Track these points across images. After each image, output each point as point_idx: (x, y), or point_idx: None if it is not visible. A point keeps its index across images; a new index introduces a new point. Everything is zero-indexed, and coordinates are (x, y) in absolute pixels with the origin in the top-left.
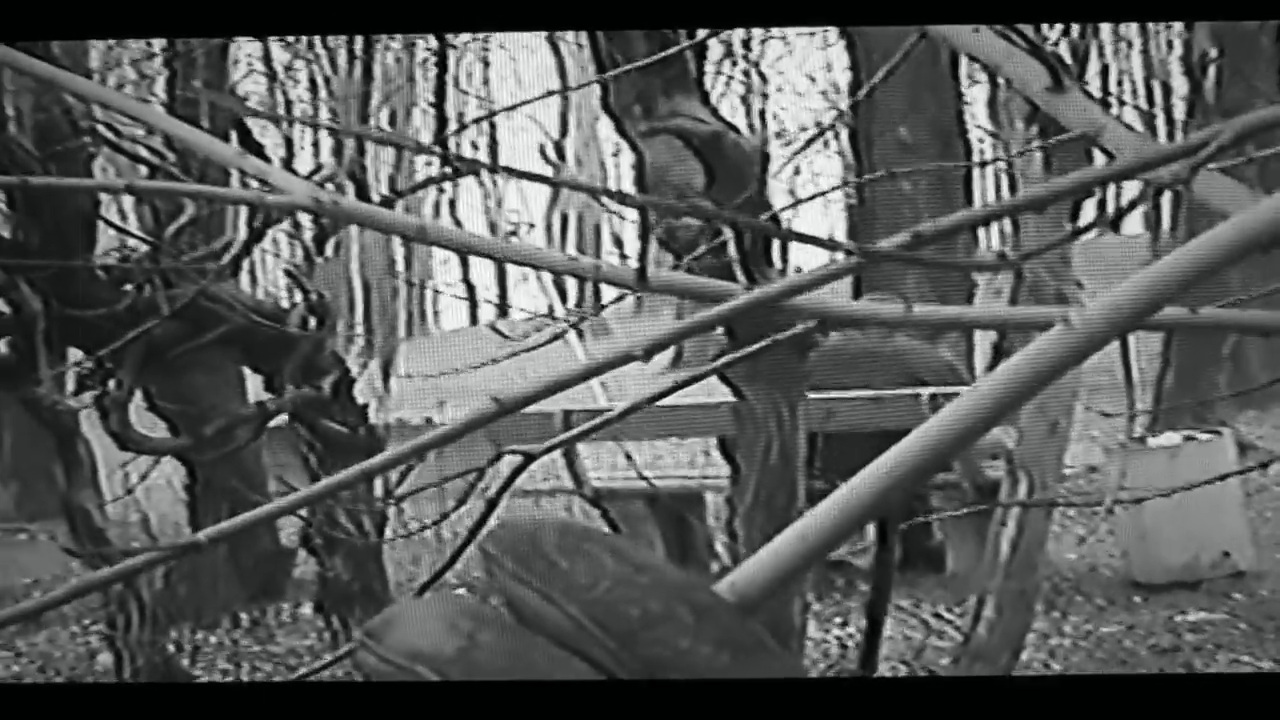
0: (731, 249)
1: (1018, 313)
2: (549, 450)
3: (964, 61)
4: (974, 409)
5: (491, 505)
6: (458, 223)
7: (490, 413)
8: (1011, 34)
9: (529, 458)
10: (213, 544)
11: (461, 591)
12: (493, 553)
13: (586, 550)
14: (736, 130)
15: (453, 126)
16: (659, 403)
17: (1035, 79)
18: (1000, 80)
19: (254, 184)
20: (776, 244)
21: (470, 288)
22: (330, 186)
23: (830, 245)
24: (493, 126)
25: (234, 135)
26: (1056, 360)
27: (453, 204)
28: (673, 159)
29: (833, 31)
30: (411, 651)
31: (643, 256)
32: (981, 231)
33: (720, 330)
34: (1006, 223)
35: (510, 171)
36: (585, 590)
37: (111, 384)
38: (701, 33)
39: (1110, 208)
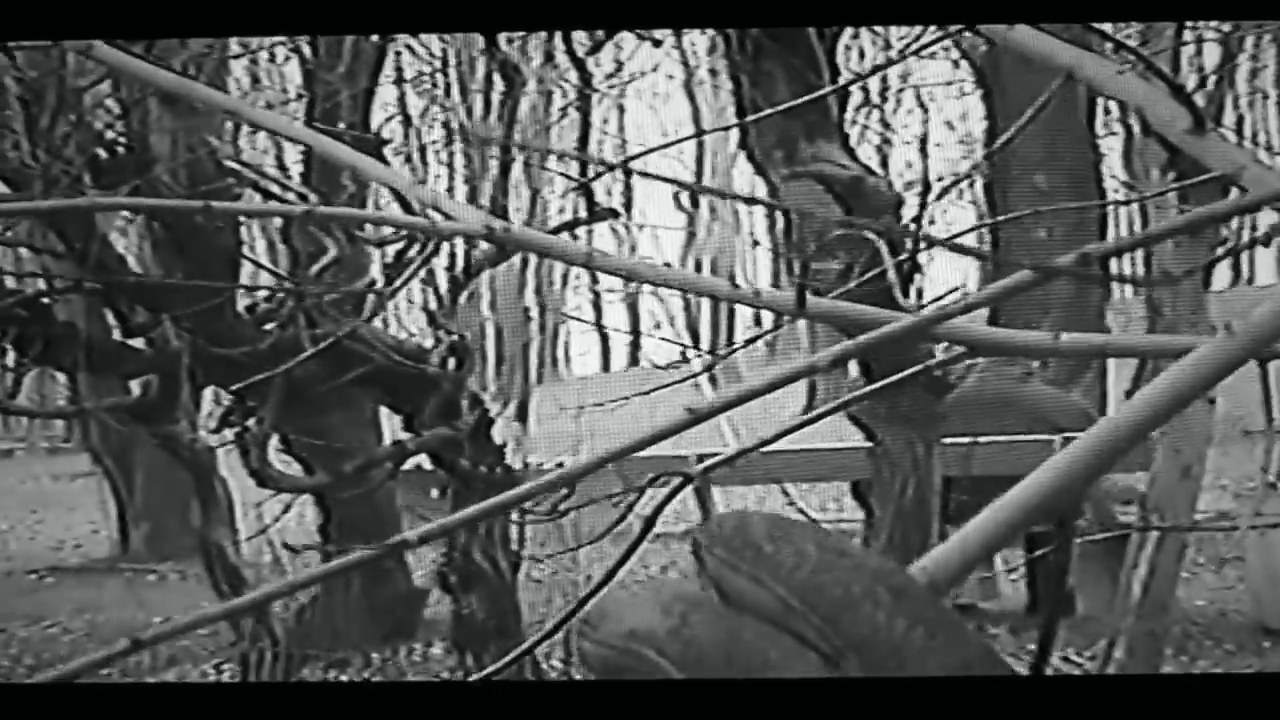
0: (891, 274)
1: (1162, 340)
2: (707, 470)
3: (1100, 112)
4: (1142, 410)
5: (650, 523)
6: (591, 273)
7: (683, 421)
8: (1152, 76)
9: (687, 479)
10: (423, 543)
11: (676, 577)
12: (704, 543)
13: (792, 537)
14: (876, 175)
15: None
16: (795, 447)
17: (1175, 121)
18: (1136, 129)
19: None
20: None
21: (604, 335)
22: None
23: (986, 257)
24: (628, 174)
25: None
26: (1219, 366)
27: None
28: (813, 203)
29: (968, 81)
30: (628, 633)
31: (802, 282)
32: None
33: (855, 372)
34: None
35: (666, 180)
36: (792, 573)
37: (252, 422)
38: (844, 77)
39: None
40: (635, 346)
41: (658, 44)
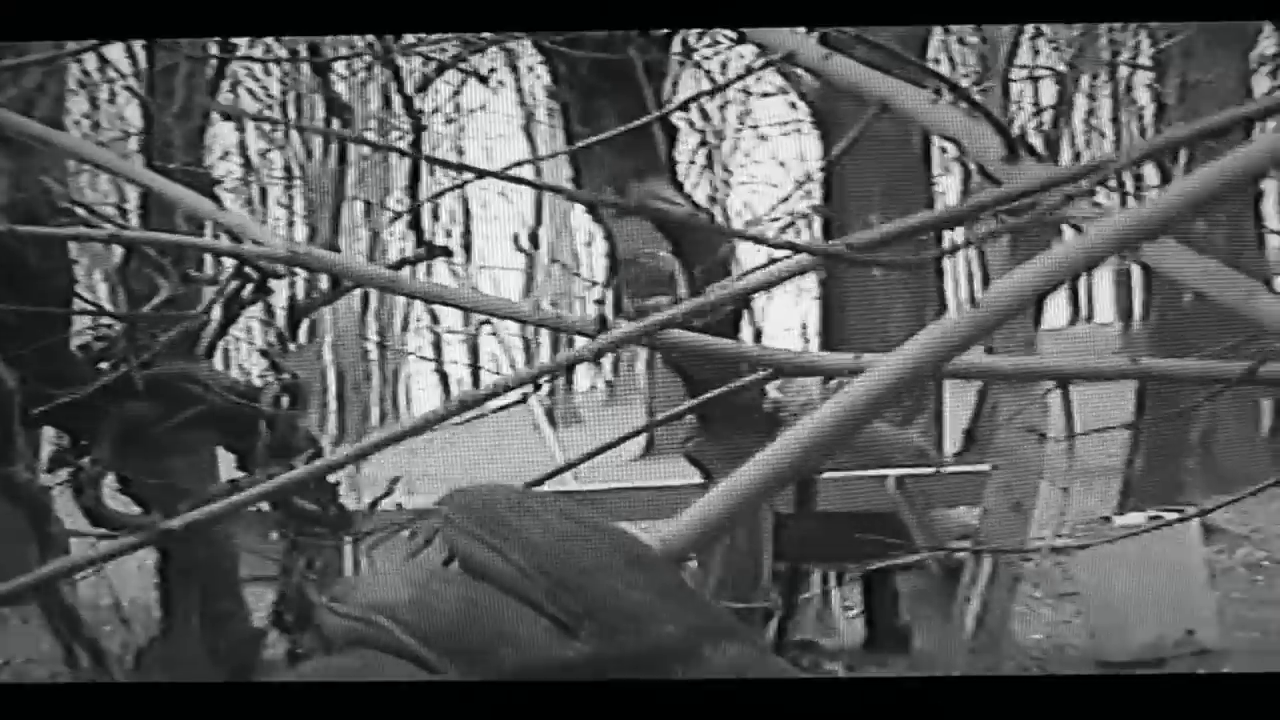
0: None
1: (966, 361)
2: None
3: (935, 151)
4: (887, 376)
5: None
6: (431, 313)
7: (452, 408)
8: (971, 105)
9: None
10: (189, 531)
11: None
12: (449, 513)
13: (534, 509)
14: (708, 213)
15: (427, 216)
16: (633, 485)
17: (990, 150)
18: (971, 166)
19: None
20: (749, 334)
21: (443, 376)
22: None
23: (789, 246)
24: (467, 215)
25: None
26: (964, 335)
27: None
28: (647, 241)
29: (805, 120)
30: (368, 604)
31: (601, 305)
32: (953, 288)
33: (691, 418)
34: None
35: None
36: (532, 543)
37: (86, 461)
38: (674, 116)
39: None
40: (476, 387)
41: (484, 79)
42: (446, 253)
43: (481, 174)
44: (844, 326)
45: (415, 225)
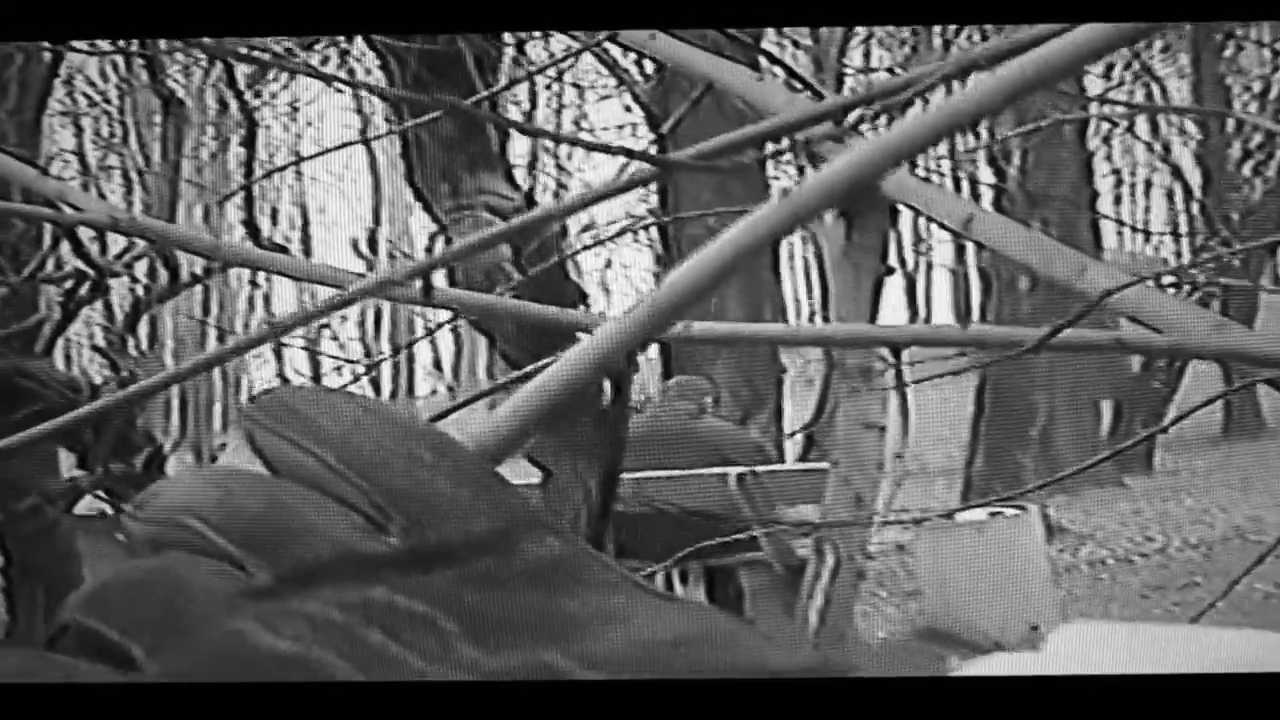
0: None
1: (786, 329)
2: None
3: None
4: (702, 267)
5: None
6: (270, 313)
7: (261, 335)
8: (791, 75)
9: None
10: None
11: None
12: (250, 413)
13: (336, 402)
14: (537, 203)
15: (266, 221)
16: None
17: (817, 128)
18: (807, 167)
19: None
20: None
21: (285, 380)
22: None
23: (626, 153)
24: (305, 220)
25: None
26: (777, 224)
27: (266, 299)
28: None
29: (642, 124)
30: (172, 507)
31: (428, 271)
32: (787, 264)
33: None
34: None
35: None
36: (328, 435)
37: None
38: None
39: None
40: (316, 380)
41: (328, 81)
42: (282, 250)
43: (316, 155)
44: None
45: (250, 224)
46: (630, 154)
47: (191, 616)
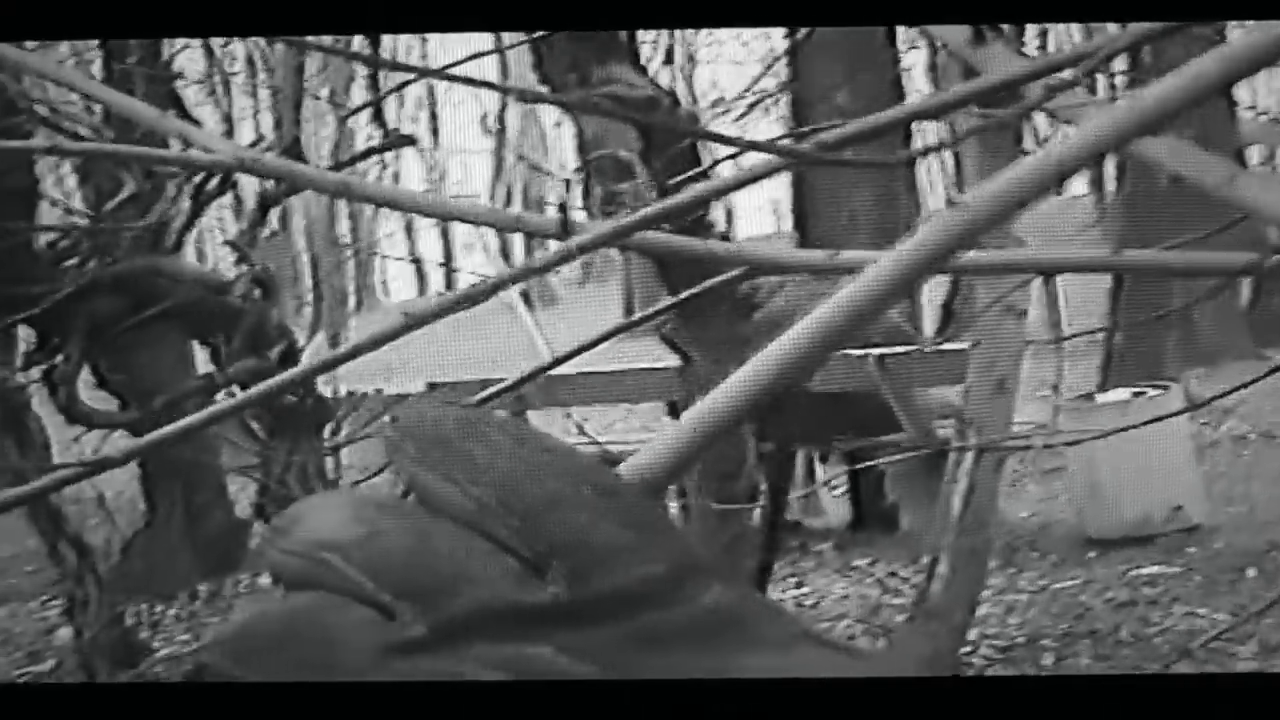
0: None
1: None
2: (483, 404)
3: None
4: (869, 288)
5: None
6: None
7: (398, 327)
8: None
9: None
10: (128, 459)
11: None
12: (395, 438)
13: (489, 434)
14: (670, 94)
15: (392, 102)
16: (610, 370)
17: (959, 33)
18: (938, 43)
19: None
20: (721, 213)
21: (416, 261)
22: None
23: (755, 146)
24: (432, 99)
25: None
26: (951, 239)
27: (396, 177)
28: (610, 125)
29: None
30: (316, 541)
31: (564, 208)
32: (924, 174)
33: (665, 297)
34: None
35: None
36: (487, 472)
37: (59, 359)
38: None
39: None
40: (449, 270)
41: None
42: (410, 141)
43: (445, 75)
44: (814, 203)
45: (378, 115)
46: (766, 148)
47: (339, 672)
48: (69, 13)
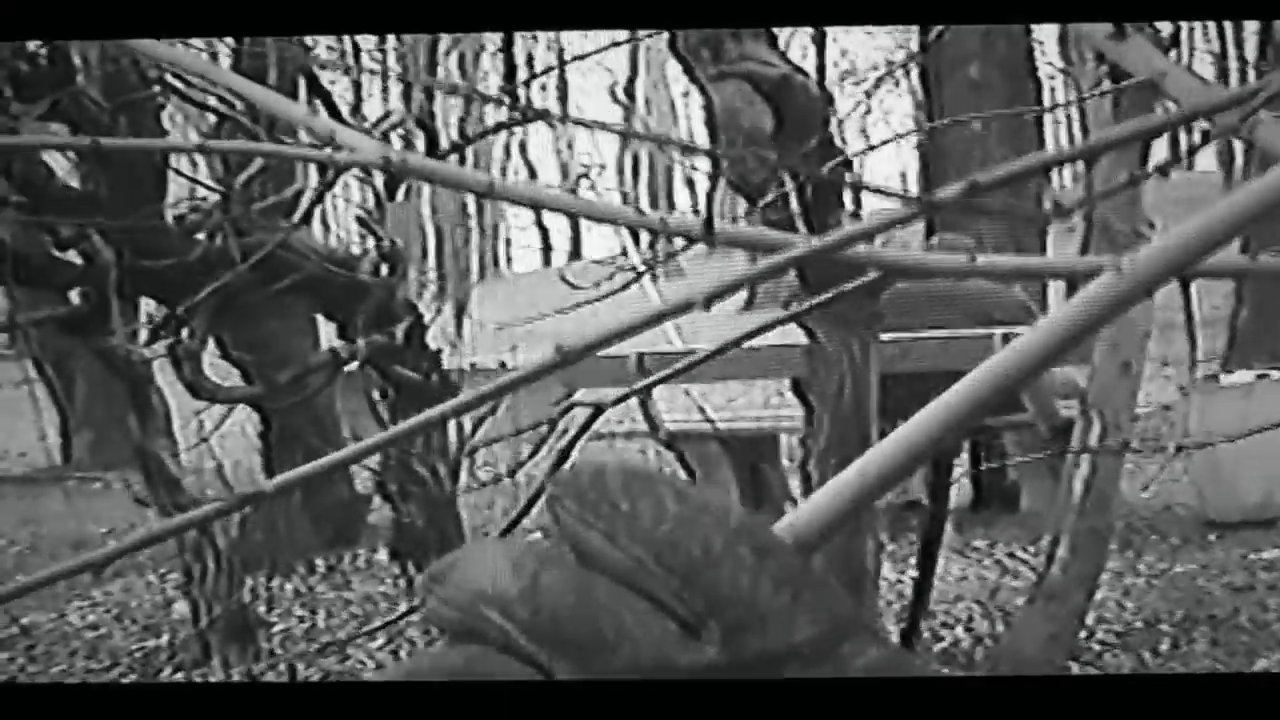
0: (794, 201)
1: (1072, 261)
2: (619, 402)
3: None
4: (1026, 353)
5: (564, 455)
6: (529, 165)
7: (550, 363)
8: None
9: (599, 409)
10: (281, 493)
11: (535, 536)
12: (557, 495)
13: (650, 492)
14: (805, 74)
15: (522, 71)
16: (739, 347)
17: (1099, 25)
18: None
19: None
20: (847, 191)
21: (544, 231)
22: (399, 134)
23: (890, 193)
24: (562, 67)
25: (302, 83)
26: (1108, 306)
27: (523, 146)
28: (742, 103)
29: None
30: (475, 594)
31: (709, 208)
32: (1056, 169)
33: (793, 273)
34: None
35: (575, 121)
36: (648, 530)
37: (184, 333)
38: None
39: (1172, 151)
40: (576, 241)
41: None
42: (542, 115)
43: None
44: (944, 178)
45: (510, 91)
46: (886, 192)
47: None
48: (77, 12)
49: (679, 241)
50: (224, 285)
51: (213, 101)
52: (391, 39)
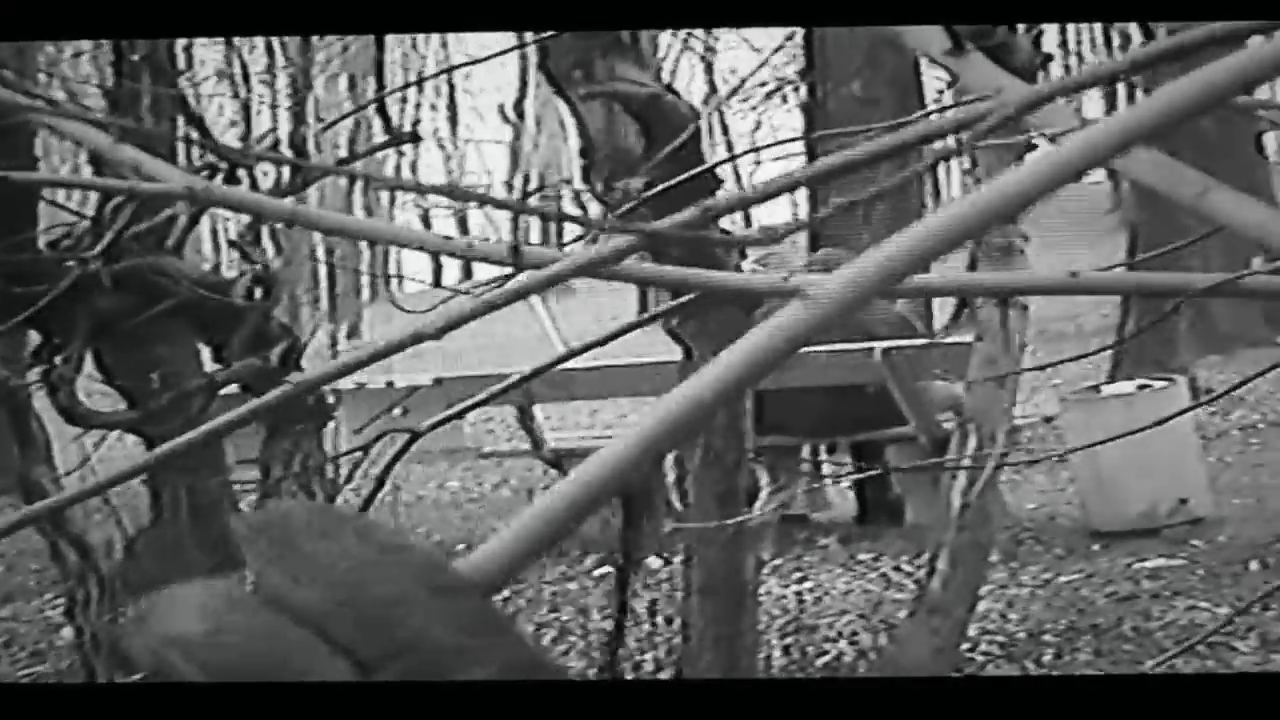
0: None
1: (755, 281)
2: (435, 426)
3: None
4: (710, 383)
5: (380, 482)
6: (419, 185)
7: (283, 392)
8: None
9: (415, 434)
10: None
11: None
12: (246, 535)
13: (333, 532)
14: (675, 92)
15: (413, 92)
16: (619, 364)
17: (934, 41)
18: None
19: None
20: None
21: (435, 253)
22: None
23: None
24: (451, 88)
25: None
26: (798, 334)
27: (414, 167)
28: (613, 122)
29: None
30: (164, 637)
31: (515, 234)
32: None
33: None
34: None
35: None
36: (329, 572)
37: (59, 359)
38: None
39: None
40: (468, 264)
41: None
42: (414, 139)
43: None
44: (829, 193)
45: (382, 111)
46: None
47: None
48: (71, 11)
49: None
50: (99, 310)
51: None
52: (280, 59)
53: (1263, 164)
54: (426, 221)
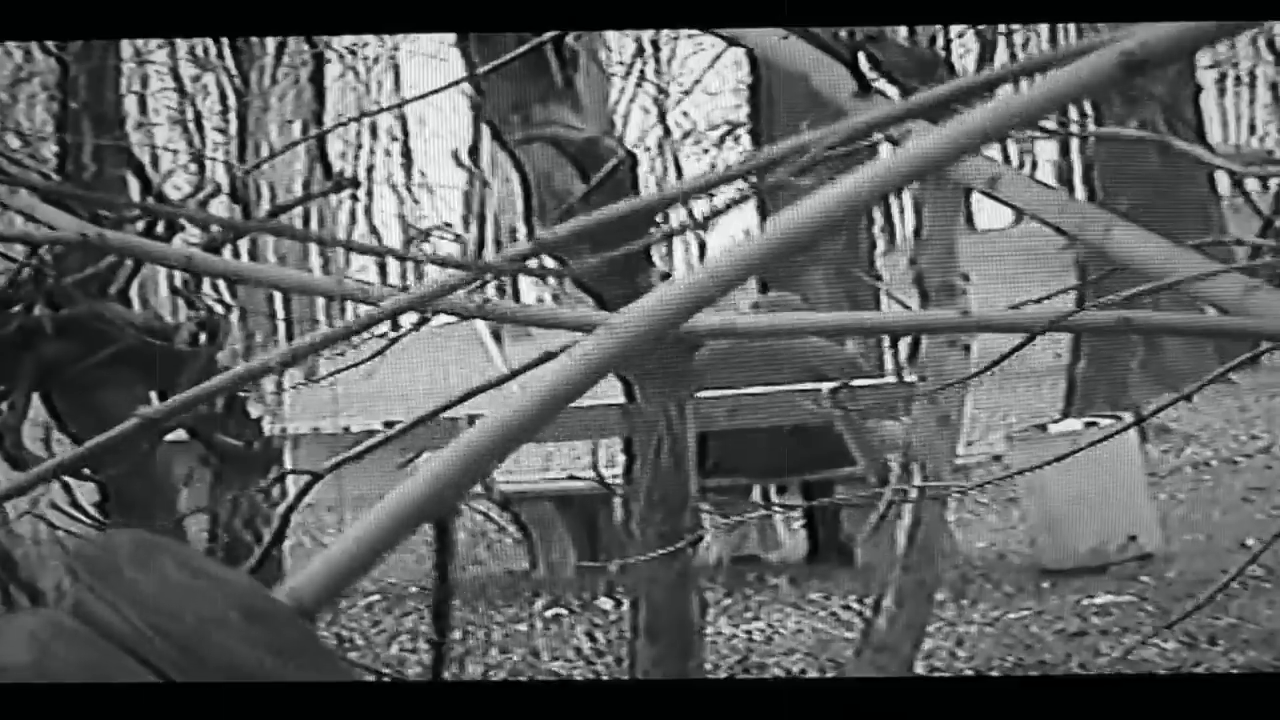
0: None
1: (565, 316)
2: (334, 468)
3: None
4: (505, 422)
5: (285, 519)
6: (374, 229)
7: (130, 426)
8: (821, 40)
9: (316, 477)
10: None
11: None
12: (71, 564)
13: (153, 560)
14: (611, 136)
15: (367, 138)
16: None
17: (840, 85)
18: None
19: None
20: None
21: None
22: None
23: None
24: (406, 134)
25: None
26: (571, 386)
27: (368, 210)
28: (553, 166)
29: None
30: None
31: (405, 286)
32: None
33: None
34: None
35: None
36: (148, 598)
37: (3, 406)
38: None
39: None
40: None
41: None
42: (354, 184)
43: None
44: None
45: (322, 157)
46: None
47: None
48: (66, 13)
49: (524, 300)
50: (44, 357)
51: (34, 179)
52: (233, 106)
53: (1213, 200)
54: (384, 269)
